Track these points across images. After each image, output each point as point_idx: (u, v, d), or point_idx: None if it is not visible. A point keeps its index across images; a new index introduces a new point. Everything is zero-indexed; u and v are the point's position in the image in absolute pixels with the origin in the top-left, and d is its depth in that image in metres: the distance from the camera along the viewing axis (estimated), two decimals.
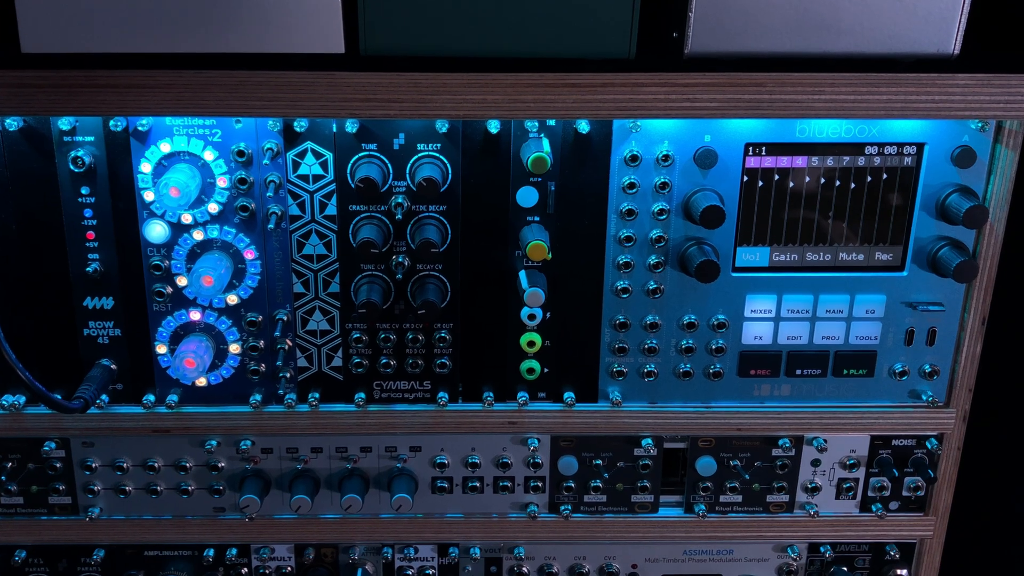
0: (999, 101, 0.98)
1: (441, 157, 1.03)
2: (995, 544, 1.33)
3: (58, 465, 1.15)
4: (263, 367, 1.11)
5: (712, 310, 1.10)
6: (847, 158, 1.04)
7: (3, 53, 0.95)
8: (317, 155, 1.03)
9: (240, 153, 1.01)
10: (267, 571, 1.22)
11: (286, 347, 1.10)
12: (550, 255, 1.04)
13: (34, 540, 1.19)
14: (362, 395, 1.12)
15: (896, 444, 1.17)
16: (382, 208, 1.04)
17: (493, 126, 1.01)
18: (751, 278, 1.08)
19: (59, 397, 1.02)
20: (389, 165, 1.03)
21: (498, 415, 1.13)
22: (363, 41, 0.95)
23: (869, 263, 1.08)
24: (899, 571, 1.23)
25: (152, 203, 1.03)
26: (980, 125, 1.02)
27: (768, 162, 1.04)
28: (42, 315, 1.08)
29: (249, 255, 1.06)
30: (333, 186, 1.04)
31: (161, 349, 1.09)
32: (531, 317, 1.09)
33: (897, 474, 1.17)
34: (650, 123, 1.02)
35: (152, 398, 1.11)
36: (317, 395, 1.12)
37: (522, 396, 1.12)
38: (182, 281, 1.06)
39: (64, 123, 1.00)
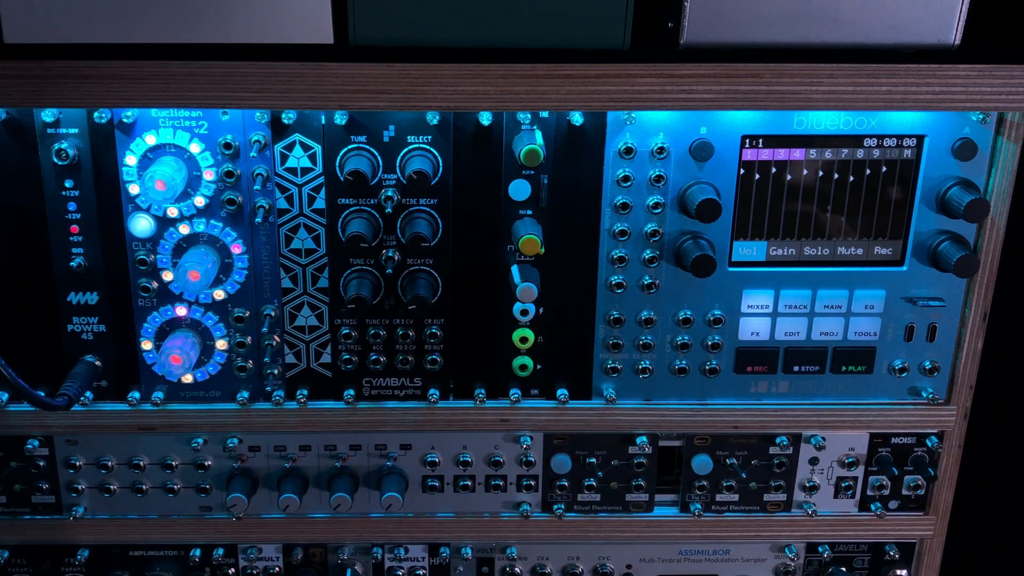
0: (1000, 92, 0.97)
1: (432, 150, 1.01)
2: (997, 544, 1.32)
3: (41, 463, 1.14)
4: (250, 364, 1.10)
5: (708, 305, 1.08)
6: (846, 150, 1.03)
7: None
8: (305, 147, 1.01)
9: (227, 145, 1.00)
10: (255, 571, 1.21)
11: (274, 343, 1.08)
12: (543, 249, 1.03)
13: (17, 540, 1.18)
14: (351, 392, 1.11)
15: (896, 442, 1.16)
16: (372, 201, 1.03)
17: (485, 118, 1.00)
18: (748, 273, 1.07)
19: (42, 394, 1.01)
20: (379, 158, 1.01)
21: (490, 412, 1.12)
22: (352, 31, 0.94)
23: (868, 257, 1.07)
24: (899, 571, 1.22)
25: (137, 196, 1.02)
26: (981, 117, 1.01)
27: (765, 154, 1.03)
28: (25, 310, 1.06)
29: (236, 249, 1.04)
30: (322, 179, 1.02)
31: (146, 345, 1.08)
32: (524, 313, 1.08)
33: (897, 472, 1.16)
34: (645, 115, 1.01)
35: (137, 395, 1.10)
36: (305, 392, 1.11)
37: (514, 393, 1.11)
38: (168, 276, 1.05)
39: (48, 115, 0.99)
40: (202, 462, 1.14)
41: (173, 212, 1.03)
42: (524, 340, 1.09)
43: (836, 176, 1.03)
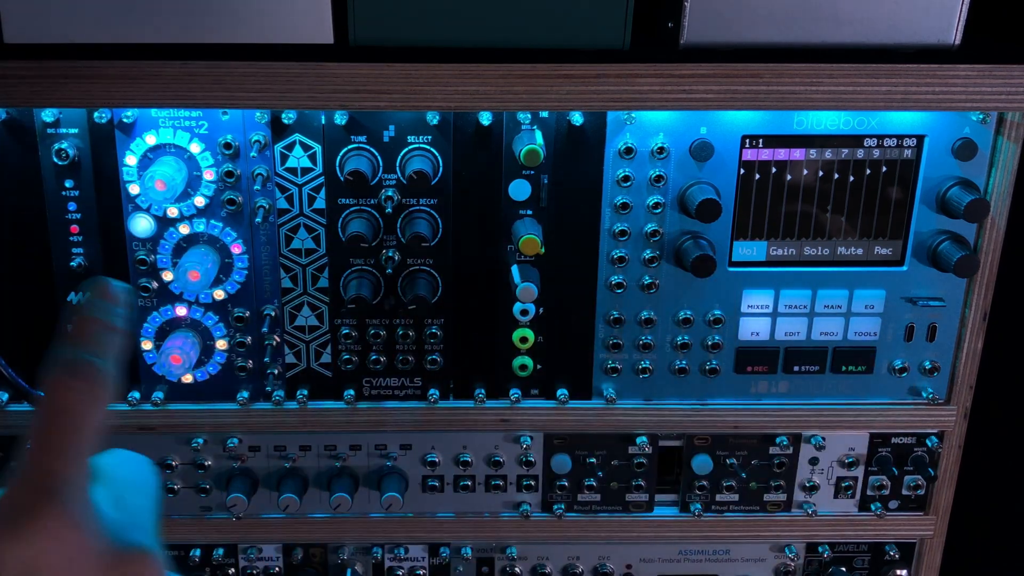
0: (1001, 92, 0.97)
1: (432, 150, 1.01)
2: (996, 544, 1.32)
3: None
4: (250, 364, 1.09)
5: (708, 305, 1.08)
6: (846, 150, 1.03)
7: None
8: (305, 147, 1.01)
9: (227, 145, 1.00)
10: (255, 571, 1.21)
11: (274, 343, 1.08)
12: (543, 249, 1.02)
13: None
14: (351, 392, 1.10)
15: (896, 442, 1.15)
16: (372, 201, 1.03)
17: (485, 118, 1.00)
18: (748, 273, 1.07)
19: (42, 394, 1.01)
20: (379, 158, 1.01)
21: (490, 412, 1.12)
22: (353, 31, 0.93)
23: (868, 257, 1.07)
24: (899, 571, 1.22)
25: (137, 196, 1.02)
26: (981, 117, 1.01)
27: (765, 154, 1.03)
28: (25, 310, 1.06)
29: (236, 249, 1.04)
30: (322, 179, 1.02)
31: (146, 345, 1.08)
32: (524, 313, 1.08)
33: (897, 472, 1.16)
34: (645, 115, 1.01)
35: (137, 395, 1.10)
36: (305, 392, 1.10)
37: (514, 393, 1.11)
38: (168, 276, 1.05)
39: (47, 115, 0.99)
40: (202, 462, 1.14)
41: (173, 212, 1.03)
42: (524, 340, 1.09)
43: (836, 176, 1.03)
